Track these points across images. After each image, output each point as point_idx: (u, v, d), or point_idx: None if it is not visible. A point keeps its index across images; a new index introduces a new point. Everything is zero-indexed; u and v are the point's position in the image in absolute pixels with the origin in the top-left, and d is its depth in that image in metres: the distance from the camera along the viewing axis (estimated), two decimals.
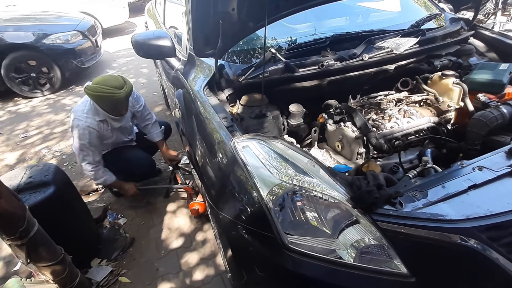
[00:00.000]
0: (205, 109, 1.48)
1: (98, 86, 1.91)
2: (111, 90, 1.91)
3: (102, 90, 1.91)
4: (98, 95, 1.93)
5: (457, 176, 1.04)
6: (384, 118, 1.58)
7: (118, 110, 2.08)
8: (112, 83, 1.93)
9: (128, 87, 1.97)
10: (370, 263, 0.92)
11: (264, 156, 1.09)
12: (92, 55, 5.06)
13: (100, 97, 1.94)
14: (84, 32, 4.91)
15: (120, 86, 1.93)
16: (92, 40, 5.06)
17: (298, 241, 0.96)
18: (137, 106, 2.31)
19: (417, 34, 1.76)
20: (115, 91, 1.92)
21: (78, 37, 4.80)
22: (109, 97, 1.93)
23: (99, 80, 1.96)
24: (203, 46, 1.48)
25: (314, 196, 0.99)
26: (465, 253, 0.91)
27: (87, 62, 4.92)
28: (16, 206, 1.34)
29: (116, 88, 1.92)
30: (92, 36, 5.08)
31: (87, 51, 4.94)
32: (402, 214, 0.94)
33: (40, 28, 4.51)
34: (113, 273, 1.93)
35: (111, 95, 1.91)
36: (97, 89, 1.91)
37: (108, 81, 1.93)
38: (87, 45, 4.92)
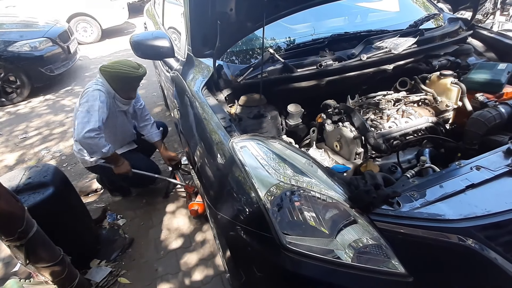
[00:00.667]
0: (204, 110, 1.48)
1: (116, 64, 2.00)
2: (129, 68, 1.99)
3: (120, 68, 1.98)
4: (116, 72, 1.98)
5: (455, 176, 1.04)
6: (383, 118, 1.58)
7: (129, 91, 2.13)
8: (129, 63, 2.03)
9: (143, 69, 2.06)
10: (368, 263, 0.93)
11: (262, 156, 1.09)
12: (63, 62, 4.94)
13: (118, 74, 1.99)
14: (54, 38, 4.78)
15: (136, 67, 2.02)
16: (64, 46, 4.94)
17: (296, 241, 0.96)
18: (138, 104, 2.36)
19: (416, 34, 1.76)
20: (133, 70, 2.00)
21: (47, 44, 4.68)
22: (127, 75, 1.99)
23: (116, 61, 2.05)
24: (201, 46, 1.48)
25: (312, 196, 0.99)
26: (463, 252, 0.91)
27: (57, 69, 4.79)
28: (15, 207, 1.34)
29: (133, 68, 2.00)
30: (63, 42, 4.96)
31: (58, 58, 4.82)
32: (400, 214, 0.94)
33: (5, 35, 4.42)
34: (112, 273, 1.93)
35: (130, 72, 1.99)
36: (115, 67, 1.99)
37: (126, 62, 2.03)
38: (57, 52, 4.80)
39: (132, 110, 2.32)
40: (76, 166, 3.01)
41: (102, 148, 1.92)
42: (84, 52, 6.71)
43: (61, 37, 4.96)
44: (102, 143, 1.92)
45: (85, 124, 1.85)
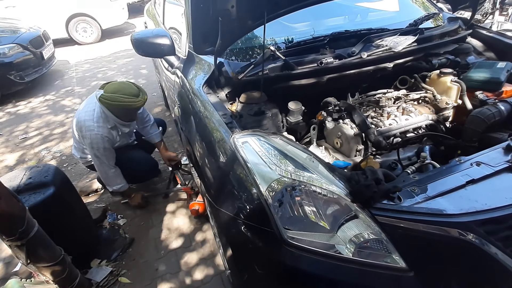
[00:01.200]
0: (205, 107, 1.48)
1: (116, 96, 1.91)
2: (129, 98, 1.92)
3: (120, 100, 1.91)
4: (116, 104, 1.93)
5: (455, 172, 1.05)
6: (383, 115, 1.59)
7: (131, 117, 2.12)
8: (128, 91, 1.93)
9: (144, 95, 2.00)
10: (369, 257, 0.93)
11: (263, 152, 1.09)
12: (35, 69, 4.82)
13: (118, 106, 1.94)
14: (26, 44, 4.66)
15: (136, 94, 1.95)
16: (36, 52, 4.81)
17: (298, 236, 0.96)
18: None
19: (416, 33, 1.77)
20: (134, 99, 1.93)
21: (17, 50, 4.57)
22: (128, 106, 1.94)
23: (115, 88, 1.94)
24: (202, 43, 1.49)
25: (313, 191, 0.99)
26: (463, 247, 0.92)
27: (28, 76, 4.67)
28: (15, 207, 1.34)
29: (134, 97, 1.93)
30: (36, 48, 4.84)
31: (29, 65, 4.70)
32: (401, 208, 0.94)
33: None
34: (112, 273, 1.93)
35: (131, 104, 1.93)
36: (115, 99, 1.91)
37: (124, 89, 1.93)
38: (28, 58, 4.68)
39: None
40: (76, 166, 3.01)
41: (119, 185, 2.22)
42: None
43: (34, 42, 4.84)
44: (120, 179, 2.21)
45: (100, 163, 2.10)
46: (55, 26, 6.94)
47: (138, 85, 2.04)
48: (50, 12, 6.77)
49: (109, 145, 2.06)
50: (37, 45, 4.92)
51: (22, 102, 4.62)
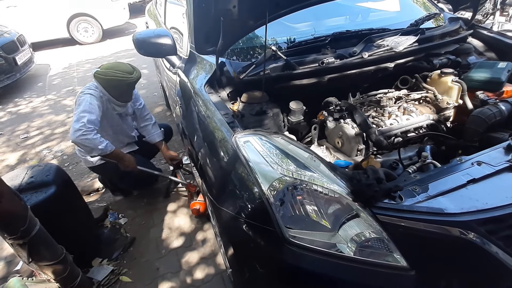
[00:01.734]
0: (206, 106, 1.49)
1: (110, 71, 1.99)
2: (123, 74, 1.99)
3: (114, 74, 1.98)
4: (109, 78, 1.99)
5: (456, 171, 1.05)
6: (384, 115, 1.59)
7: (124, 96, 2.14)
8: (122, 68, 2.02)
9: (138, 73, 2.07)
10: (370, 256, 0.93)
11: (265, 151, 1.09)
12: (8, 75, 4.74)
13: (111, 81, 2.00)
14: None
15: (130, 71, 2.03)
16: (8, 58, 4.72)
17: (299, 235, 0.97)
18: (137, 104, 2.35)
19: (417, 33, 1.77)
20: (127, 75, 2.00)
21: None
22: (121, 81, 2.00)
23: (109, 65, 2.04)
24: (204, 43, 1.49)
25: (314, 190, 1.00)
26: (464, 246, 0.92)
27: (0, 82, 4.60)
28: (17, 205, 1.34)
29: (127, 73, 2.00)
30: (8, 54, 4.75)
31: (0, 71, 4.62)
32: (402, 207, 0.95)
33: None
34: (114, 272, 1.93)
35: (123, 79, 1.99)
36: (109, 73, 1.99)
37: (119, 67, 2.02)
38: None
39: (131, 111, 2.33)
40: (77, 165, 3.02)
41: (99, 145, 1.88)
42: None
43: (6, 48, 4.77)
44: (97, 139, 1.88)
45: (75, 124, 1.84)
46: (56, 26, 6.97)
47: (133, 66, 2.09)
48: (51, 12, 6.78)
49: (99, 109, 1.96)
50: (9, 51, 4.83)
51: (23, 102, 4.63)
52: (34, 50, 5.81)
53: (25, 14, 6.56)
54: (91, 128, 1.86)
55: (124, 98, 2.15)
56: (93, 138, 1.85)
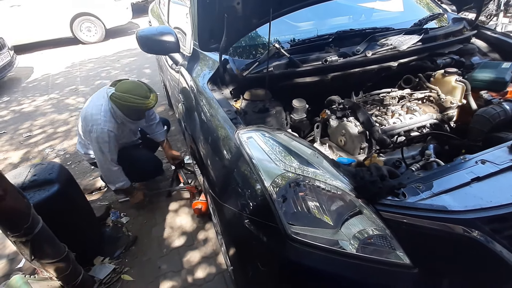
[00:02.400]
0: (209, 103, 1.49)
1: (128, 96, 1.93)
2: (141, 100, 1.94)
3: (131, 100, 1.93)
4: (127, 104, 1.94)
5: (460, 169, 1.05)
6: (387, 114, 1.58)
7: (140, 116, 2.14)
8: (139, 91, 1.95)
9: (155, 96, 2.01)
10: (373, 253, 0.93)
11: (268, 147, 1.09)
12: None
13: (129, 106, 1.96)
14: None
15: (147, 96, 1.97)
16: None
17: (302, 232, 0.96)
18: None
19: (420, 32, 1.76)
20: (145, 101, 1.95)
21: None
22: (139, 107, 1.96)
23: (126, 88, 1.96)
24: (208, 39, 1.49)
25: (317, 186, 0.99)
26: (468, 244, 0.91)
27: None
28: (21, 203, 1.35)
29: (145, 98, 1.95)
30: None
31: None
32: (406, 204, 0.94)
33: None
34: (115, 271, 1.93)
35: (141, 105, 1.95)
36: (127, 99, 1.93)
37: (135, 90, 1.95)
38: None
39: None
40: (80, 164, 3.03)
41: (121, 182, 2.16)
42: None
43: None
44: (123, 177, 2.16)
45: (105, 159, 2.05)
46: (59, 25, 7.00)
47: (148, 86, 2.04)
48: (54, 11, 6.81)
49: (115, 140, 2.04)
50: None
51: (26, 101, 4.65)
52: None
53: (28, 13, 6.59)
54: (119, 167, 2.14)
55: (138, 118, 2.15)
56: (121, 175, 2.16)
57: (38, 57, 6.88)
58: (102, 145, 2.00)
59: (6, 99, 4.81)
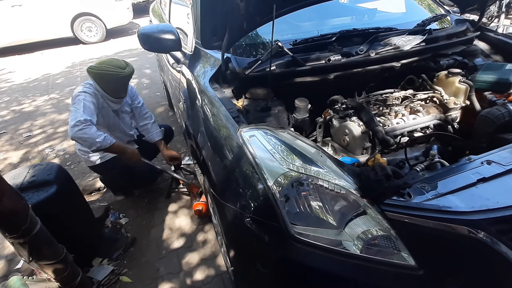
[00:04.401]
0: (211, 101, 1.47)
1: (103, 65, 2.02)
2: (115, 69, 2.01)
3: (106, 69, 2.00)
4: (102, 73, 2.01)
5: (465, 170, 1.03)
6: (390, 114, 1.57)
7: (118, 91, 2.13)
8: (115, 63, 2.04)
9: (130, 68, 2.08)
10: (377, 254, 0.91)
11: (270, 146, 1.08)
12: None
13: (104, 75, 2.01)
14: None
15: (123, 66, 2.05)
16: None
17: (305, 232, 0.95)
18: (136, 102, 2.35)
19: (424, 33, 1.75)
20: (119, 70, 2.02)
21: None
22: (113, 75, 2.01)
23: (103, 61, 2.06)
24: (210, 36, 1.48)
25: (320, 186, 0.98)
26: (474, 246, 0.90)
27: None
28: (19, 204, 1.33)
29: (120, 68, 2.03)
30: None
31: None
32: (411, 205, 0.93)
33: None
34: (114, 272, 1.92)
35: (116, 73, 2.01)
36: (102, 68, 2.01)
37: (112, 62, 2.05)
38: None
39: (128, 109, 2.32)
40: (79, 165, 3.01)
41: (97, 138, 1.87)
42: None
43: None
44: (95, 133, 1.87)
45: (71, 120, 1.85)
46: (60, 25, 7.02)
47: (127, 62, 2.11)
48: (55, 11, 6.83)
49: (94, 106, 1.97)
50: None
51: (27, 101, 4.64)
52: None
53: (29, 13, 6.60)
54: (88, 123, 1.86)
55: (118, 94, 2.14)
56: (90, 132, 1.85)
57: (39, 57, 6.89)
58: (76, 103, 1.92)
59: (6, 99, 4.80)
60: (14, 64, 6.51)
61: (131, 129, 2.39)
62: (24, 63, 6.54)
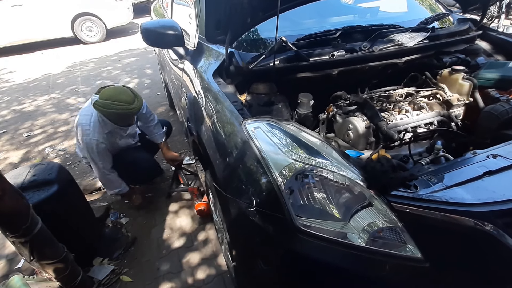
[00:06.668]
0: (215, 95, 1.46)
1: (110, 103, 1.88)
2: (124, 105, 1.89)
3: (115, 107, 1.88)
4: (111, 112, 1.91)
5: (471, 163, 1.03)
6: (394, 110, 1.56)
7: (128, 122, 2.11)
8: (123, 97, 1.90)
9: (139, 101, 1.98)
10: (383, 247, 0.90)
11: (276, 137, 1.07)
12: None
13: (113, 113, 1.93)
14: None
15: (131, 100, 1.93)
16: None
17: (310, 224, 0.94)
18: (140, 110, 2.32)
19: (427, 30, 1.75)
20: (129, 106, 1.91)
21: None
22: (123, 113, 1.93)
23: (109, 94, 1.91)
24: (214, 30, 1.47)
25: (325, 177, 0.97)
26: (481, 238, 0.90)
27: None
28: (20, 204, 1.33)
29: (128, 103, 1.91)
30: None
31: None
32: (418, 196, 0.92)
33: None
34: (114, 272, 1.91)
35: (125, 111, 1.91)
36: (110, 106, 1.88)
37: (119, 96, 1.90)
38: None
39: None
40: (80, 164, 3.00)
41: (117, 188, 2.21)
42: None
43: None
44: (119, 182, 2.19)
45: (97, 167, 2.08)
46: (60, 25, 7.03)
47: (133, 90, 2.02)
48: (56, 11, 6.84)
49: (105, 150, 2.05)
50: None
51: (27, 100, 4.64)
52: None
53: (30, 13, 6.62)
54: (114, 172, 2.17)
55: (127, 124, 2.13)
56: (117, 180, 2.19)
57: (39, 57, 6.90)
58: (92, 155, 2.03)
59: (7, 99, 4.80)
60: (15, 64, 6.51)
61: (135, 136, 2.40)
62: (25, 63, 6.54)
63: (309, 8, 1.67)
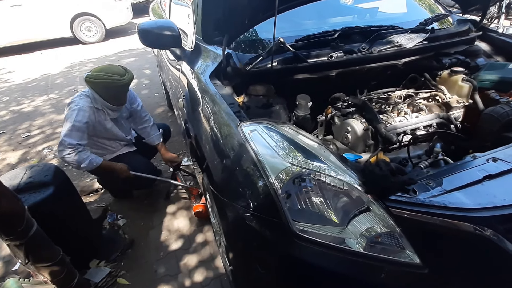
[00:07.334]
0: (212, 97, 1.45)
1: (101, 74, 1.92)
2: (114, 76, 1.93)
3: (105, 77, 1.92)
4: (101, 82, 1.93)
5: (471, 167, 1.01)
6: (393, 112, 1.55)
7: (118, 98, 2.07)
8: (114, 70, 1.95)
9: (130, 74, 2.00)
10: (381, 252, 0.89)
11: (272, 140, 1.05)
12: None
13: (103, 84, 1.94)
14: None
15: (122, 73, 1.96)
16: None
17: (307, 229, 0.93)
18: (135, 105, 2.30)
19: (427, 31, 1.74)
20: (119, 77, 1.94)
21: None
22: (113, 84, 1.93)
23: (100, 68, 1.97)
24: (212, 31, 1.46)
25: (323, 181, 0.95)
26: (481, 243, 0.88)
27: None
28: (15, 206, 1.32)
29: (119, 75, 1.94)
30: None
31: None
32: (416, 201, 0.91)
33: None
34: (111, 274, 1.89)
35: (115, 81, 1.93)
36: (100, 76, 1.92)
37: (110, 69, 1.95)
38: None
39: (126, 114, 2.28)
40: None
41: (82, 163, 1.95)
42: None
43: None
44: (82, 156, 1.94)
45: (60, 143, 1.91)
46: (59, 25, 7.02)
47: (125, 67, 2.03)
48: (55, 11, 6.83)
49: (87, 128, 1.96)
50: None
51: (26, 101, 4.62)
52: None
53: (29, 13, 6.60)
54: (74, 148, 1.92)
55: (118, 101, 2.09)
56: (75, 157, 1.92)
57: (38, 57, 6.88)
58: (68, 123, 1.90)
59: (5, 99, 4.79)
60: (13, 64, 6.50)
61: (129, 133, 2.36)
62: (24, 63, 6.52)
63: (308, 8, 1.66)
